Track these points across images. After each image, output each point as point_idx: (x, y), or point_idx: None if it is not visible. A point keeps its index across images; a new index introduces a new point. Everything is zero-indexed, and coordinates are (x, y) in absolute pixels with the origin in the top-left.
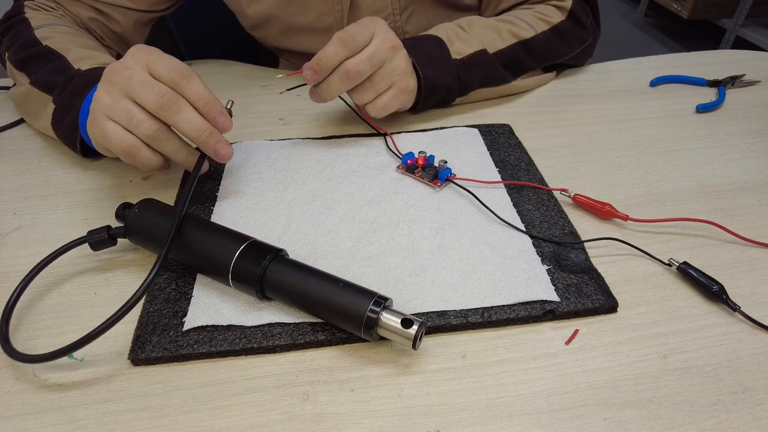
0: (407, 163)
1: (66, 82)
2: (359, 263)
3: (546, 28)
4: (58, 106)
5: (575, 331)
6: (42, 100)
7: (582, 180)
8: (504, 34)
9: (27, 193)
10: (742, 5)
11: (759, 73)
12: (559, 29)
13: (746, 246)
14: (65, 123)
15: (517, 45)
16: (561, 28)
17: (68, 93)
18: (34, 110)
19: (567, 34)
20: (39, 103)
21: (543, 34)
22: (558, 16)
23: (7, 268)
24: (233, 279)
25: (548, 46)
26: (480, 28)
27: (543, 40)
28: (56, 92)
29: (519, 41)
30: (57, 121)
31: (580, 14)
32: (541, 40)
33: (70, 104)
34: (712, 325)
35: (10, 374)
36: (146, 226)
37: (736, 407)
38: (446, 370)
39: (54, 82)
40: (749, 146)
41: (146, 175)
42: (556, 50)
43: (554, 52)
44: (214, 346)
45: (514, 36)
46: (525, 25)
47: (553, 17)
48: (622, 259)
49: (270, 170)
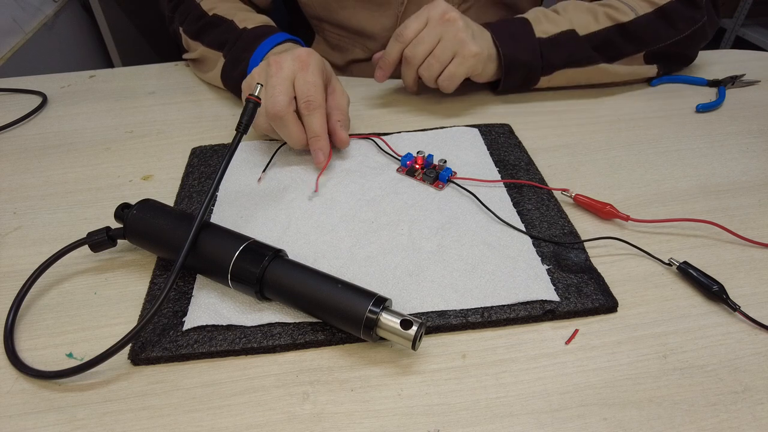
0: (406, 164)
1: (236, 39)
2: (359, 263)
3: (649, 10)
4: (228, 60)
5: (575, 330)
6: (214, 57)
7: (582, 180)
8: (600, 17)
9: (27, 193)
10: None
11: (759, 73)
12: (665, 10)
13: (746, 246)
14: (234, 74)
15: (612, 28)
16: (668, 9)
17: (237, 48)
18: (207, 66)
19: (674, 16)
20: (211, 60)
21: (644, 17)
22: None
23: (7, 268)
24: (232, 280)
25: (649, 29)
26: (574, 10)
27: (643, 23)
28: (227, 48)
29: (615, 24)
30: (227, 72)
31: None
32: (641, 23)
33: (239, 57)
34: (712, 325)
35: (10, 374)
36: (145, 226)
37: (736, 407)
38: (446, 370)
39: (225, 40)
40: (749, 146)
41: (146, 175)
42: (658, 33)
43: (656, 36)
44: (214, 346)
45: (611, 19)
46: (625, 7)
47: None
48: (622, 258)
49: (270, 170)
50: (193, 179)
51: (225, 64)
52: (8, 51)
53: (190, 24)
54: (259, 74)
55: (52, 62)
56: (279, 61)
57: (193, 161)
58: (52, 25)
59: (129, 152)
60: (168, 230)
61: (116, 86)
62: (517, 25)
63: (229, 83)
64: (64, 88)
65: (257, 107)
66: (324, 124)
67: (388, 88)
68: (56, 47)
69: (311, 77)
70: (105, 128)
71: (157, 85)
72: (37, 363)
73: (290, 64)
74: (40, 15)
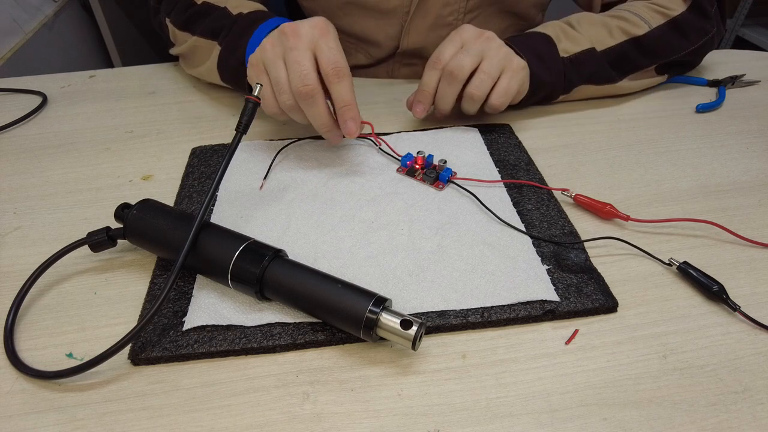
0: (406, 164)
1: (231, 24)
2: (359, 263)
3: (662, 22)
4: (224, 47)
5: (575, 331)
6: (207, 47)
7: (582, 180)
8: (614, 31)
9: (27, 193)
10: (742, 5)
11: (759, 73)
12: (677, 22)
13: (746, 246)
14: (231, 62)
15: (627, 42)
16: (680, 21)
17: (234, 33)
18: (199, 59)
19: (686, 27)
20: (204, 51)
21: (658, 29)
22: (678, 6)
23: (7, 268)
24: (232, 280)
25: (663, 41)
26: (589, 25)
27: (657, 36)
28: (222, 35)
29: (630, 38)
30: (223, 60)
31: (704, 1)
32: (655, 36)
33: (236, 43)
34: (712, 325)
35: (10, 374)
36: (145, 227)
37: (736, 407)
38: (446, 370)
39: (219, 27)
40: (749, 146)
41: (146, 175)
42: (671, 46)
43: (669, 48)
44: (214, 346)
45: (625, 33)
46: (638, 20)
47: (671, 8)
48: (622, 258)
49: (270, 170)
50: (193, 179)
51: (221, 52)
52: (8, 51)
53: (178, 14)
54: (273, 46)
55: (52, 62)
56: (295, 29)
57: (193, 161)
58: (52, 25)
59: (129, 152)
60: (168, 230)
61: (116, 86)
62: (541, 43)
63: (225, 73)
64: (64, 88)
65: (257, 107)
66: (354, 91)
67: (387, 88)
68: (56, 47)
69: (333, 43)
70: (105, 128)
71: (157, 85)
72: (37, 363)
73: (309, 31)
74: (40, 15)
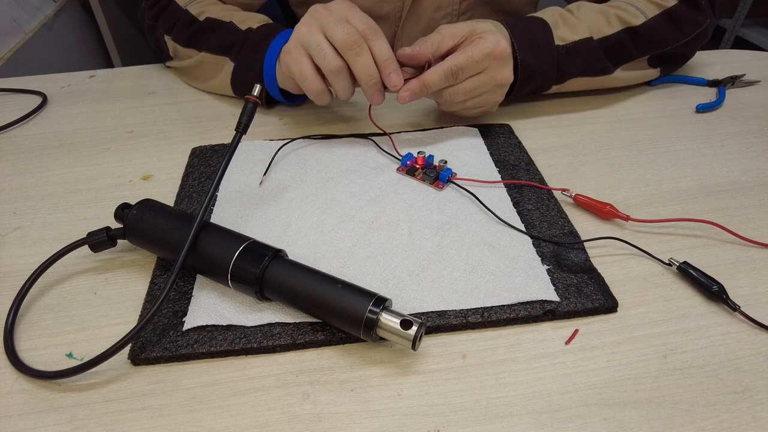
0: (407, 164)
1: (243, 40)
2: (359, 263)
3: (657, 12)
4: (238, 63)
5: (575, 331)
6: (217, 62)
7: (582, 180)
8: (612, 20)
9: (27, 193)
10: (742, 5)
11: (759, 73)
12: (672, 13)
13: (746, 246)
14: (248, 77)
15: (623, 32)
16: (674, 12)
17: (247, 49)
18: (208, 74)
19: (680, 18)
20: (212, 67)
21: (653, 20)
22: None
23: (7, 268)
24: (232, 280)
25: (657, 32)
26: (588, 12)
27: (652, 26)
28: (234, 51)
29: (626, 28)
30: (237, 75)
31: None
32: (651, 26)
33: (252, 58)
34: (712, 325)
35: (10, 374)
36: (145, 227)
37: (736, 407)
38: (446, 370)
39: (229, 43)
40: (749, 146)
41: (146, 175)
42: (665, 37)
43: (663, 39)
44: (214, 346)
45: (622, 22)
46: (634, 10)
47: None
48: (622, 258)
49: (270, 170)
50: (193, 179)
51: (235, 68)
52: (8, 51)
53: (181, 31)
54: (308, 25)
55: (52, 62)
56: (325, 6)
57: (193, 161)
58: (52, 25)
59: (129, 152)
60: (168, 230)
61: (116, 86)
62: (536, 28)
63: (241, 88)
64: (64, 88)
65: (257, 107)
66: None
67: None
68: (56, 47)
69: (362, 12)
70: (105, 128)
71: (157, 85)
72: (37, 363)
73: (338, 5)
74: (40, 15)
